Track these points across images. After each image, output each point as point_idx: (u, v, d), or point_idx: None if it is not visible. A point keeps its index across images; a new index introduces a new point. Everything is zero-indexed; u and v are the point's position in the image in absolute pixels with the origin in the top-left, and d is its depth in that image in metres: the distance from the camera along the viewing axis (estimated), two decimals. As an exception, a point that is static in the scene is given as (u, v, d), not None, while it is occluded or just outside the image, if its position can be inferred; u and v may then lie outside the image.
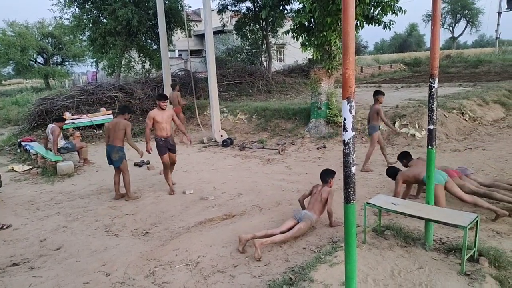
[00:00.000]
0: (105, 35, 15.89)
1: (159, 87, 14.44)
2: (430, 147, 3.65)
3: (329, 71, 9.54)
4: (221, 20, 19.79)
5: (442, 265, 3.31)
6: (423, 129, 8.56)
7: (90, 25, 16.59)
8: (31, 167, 8.36)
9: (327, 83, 9.78)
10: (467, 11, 50.80)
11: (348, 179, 2.39)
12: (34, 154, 8.67)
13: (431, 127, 3.59)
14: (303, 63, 23.21)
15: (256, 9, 18.09)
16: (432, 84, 3.51)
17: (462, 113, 9.77)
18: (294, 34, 9.66)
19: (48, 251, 4.45)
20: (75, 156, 8.97)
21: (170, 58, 19.43)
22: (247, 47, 23.01)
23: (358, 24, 8.96)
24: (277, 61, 28.00)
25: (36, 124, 11.91)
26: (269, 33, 20.45)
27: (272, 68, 21.28)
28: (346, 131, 2.33)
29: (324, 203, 4.56)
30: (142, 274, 3.78)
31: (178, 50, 28.54)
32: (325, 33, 8.80)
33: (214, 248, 4.21)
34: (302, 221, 4.33)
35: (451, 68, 25.97)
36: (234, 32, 21.20)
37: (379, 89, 7.45)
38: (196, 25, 22.18)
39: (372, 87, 18.97)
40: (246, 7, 19.08)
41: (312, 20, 9.25)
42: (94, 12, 16.38)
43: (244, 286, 3.44)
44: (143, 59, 17.92)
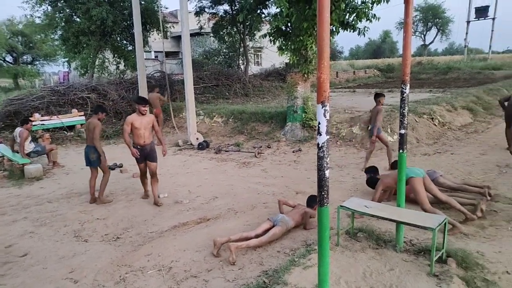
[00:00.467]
0: (78, 35, 15.49)
1: (134, 89, 14.20)
2: (401, 151, 3.73)
3: (305, 75, 9.65)
4: (198, 22, 19.71)
5: (412, 267, 3.39)
6: (395, 133, 8.77)
7: (63, 24, 16.15)
8: (-3, 170, 8.02)
9: (303, 87, 9.88)
10: (438, 20, 52.66)
11: (322, 183, 2.41)
12: (0, 157, 8.31)
13: (402, 132, 3.68)
14: (280, 67, 23.41)
15: (234, 12, 18.12)
16: (404, 90, 3.60)
17: (432, 118, 10.08)
18: (271, 38, 9.73)
19: (14, 258, 4.26)
20: (44, 159, 8.66)
21: (146, 60, 19.12)
22: (225, 50, 23.00)
23: (334, 30, 9.11)
24: (255, 65, 28.10)
25: (4, 125, 11.45)
26: (247, 37, 20.51)
27: (249, 72, 21.33)
28: (321, 135, 2.35)
29: (303, 219, 4.62)
30: (112, 281, 3.68)
31: (154, 52, 28.19)
32: (302, 38, 8.90)
33: (188, 253, 4.15)
34: (278, 226, 4.33)
35: (422, 75, 26.82)
36: (212, 35, 21.16)
37: (380, 91, 7.60)
38: (173, 27, 21.95)
39: (347, 92, 19.34)
40: (224, 10, 19.09)
41: (289, 25, 9.34)
42: (67, 11, 15.95)
43: (218, 291, 3.40)
44: (118, 60, 17.58)
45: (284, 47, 9.45)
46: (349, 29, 9.21)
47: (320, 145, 2.35)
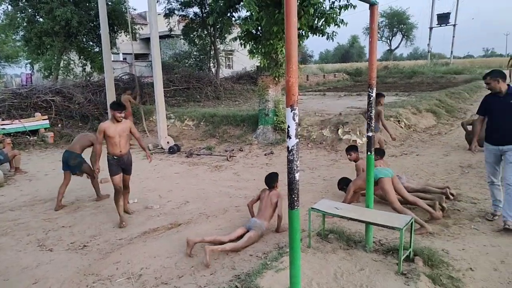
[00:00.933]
0: (41, 35, 14.91)
1: (101, 91, 13.81)
2: (369, 153, 3.82)
3: (276, 79, 9.72)
4: (168, 24, 19.45)
5: (381, 266, 3.47)
6: (364, 136, 8.99)
7: (25, 24, 15.49)
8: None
9: (274, 91, 9.96)
10: (403, 26, 54.61)
11: (292, 185, 2.42)
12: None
13: (370, 134, 3.77)
14: (252, 70, 23.49)
15: (204, 15, 18.03)
16: (371, 94, 3.69)
17: (399, 121, 10.42)
18: (242, 42, 9.74)
19: (-30, 271, 4.02)
20: (6, 165, 8.24)
21: (114, 62, 18.66)
22: (195, 53, 22.82)
23: (303, 34, 9.23)
24: (226, 68, 28.06)
25: (-40, 130, 10.83)
26: (217, 39, 20.45)
27: (221, 75, 21.28)
28: (290, 138, 2.36)
29: (275, 208, 4.59)
30: (79, 291, 3.54)
31: (123, 54, 27.54)
32: (272, 42, 8.97)
33: (158, 259, 4.06)
34: (252, 230, 4.31)
35: (389, 79, 27.68)
36: (182, 37, 20.93)
37: (381, 92, 7.69)
38: (142, 28, 21.53)
39: (318, 95, 19.66)
40: (194, 13, 18.95)
41: (259, 28, 9.39)
42: (29, 11, 15.32)
43: (190, 297, 3.35)
44: (84, 62, 17.07)
45: (255, 51, 9.48)
46: (318, 34, 9.37)
47: (290, 148, 2.36)
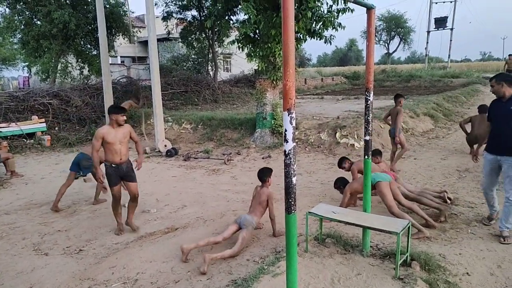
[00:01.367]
0: (39, 38, 14.89)
1: (99, 95, 13.78)
2: (367, 157, 3.81)
3: (274, 82, 9.73)
4: (166, 27, 19.47)
5: (378, 271, 3.46)
6: (362, 139, 8.99)
7: (22, 27, 15.46)
8: None
9: (272, 94, 9.96)
10: (400, 29, 54.86)
11: (289, 190, 2.41)
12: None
13: (367, 138, 3.76)
14: (249, 74, 23.50)
15: (202, 18, 18.04)
16: (368, 97, 3.69)
17: (396, 124, 10.41)
18: (240, 45, 9.74)
19: (-36, 275, 3.98)
20: (2, 168, 8.20)
21: (112, 65, 18.69)
22: (193, 56, 22.82)
23: (301, 38, 9.25)
24: (224, 71, 28.08)
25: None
26: (215, 43, 20.46)
27: (219, 78, 21.27)
28: (287, 142, 2.35)
29: (265, 206, 4.56)
30: (74, 296, 3.51)
31: (121, 57, 27.56)
32: (270, 45, 8.98)
33: (155, 264, 4.03)
34: (244, 229, 4.25)
35: (387, 82, 27.72)
36: (180, 40, 20.95)
37: (400, 93, 7.81)
38: (140, 31, 21.58)
39: (316, 99, 19.68)
40: (192, 16, 18.96)
41: (257, 32, 9.40)
42: (27, 13, 15.29)
43: (186, 303, 3.32)
44: (82, 65, 17.03)
45: (253, 54, 9.49)
46: (316, 37, 9.39)
47: (287, 152, 2.35)
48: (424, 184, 6.23)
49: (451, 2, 33.65)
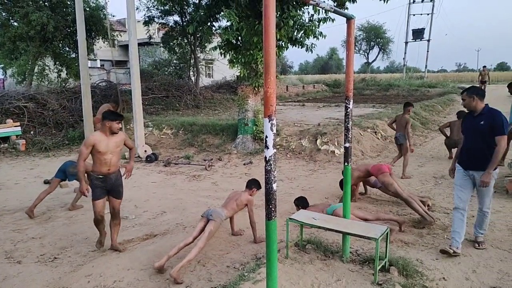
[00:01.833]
0: (15, 40, 14.51)
1: (77, 98, 13.49)
2: (347, 164, 3.86)
3: (256, 89, 9.77)
4: (148, 32, 19.31)
5: (358, 276, 3.49)
6: (342, 146, 9.10)
7: (-2, 28, 15.06)
8: None
9: (254, 100, 9.99)
10: (380, 40, 56.04)
11: (270, 196, 2.42)
12: None
13: (347, 145, 3.81)
14: (231, 80, 23.53)
15: (184, 23, 17.97)
16: (348, 105, 3.74)
17: (375, 132, 10.62)
18: (222, 51, 9.75)
19: None
20: (-28, 173, 7.91)
21: (91, 68, 18.35)
22: (175, 61, 22.68)
23: (283, 45, 9.35)
24: (206, 77, 28.02)
25: None
26: (198, 48, 20.42)
27: (201, 83, 21.20)
28: (268, 148, 2.36)
29: (239, 206, 4.51)
30: (48, 306, 3.39)
31: (100, 60, 27.10)
32: (252, 52, 9.02)
33: (132, 272, 3.94)
34: (211, 222, 4.09)
35: (366, 91, 28.27)
36: (161, 45, 20.78)
37: (409, 101, 7.99)
38: (120, 35, 21.28)
39: (297, 106, 19.85)
40: (174, 21, 18.87)
41: (240, 38, 9.43)
42: (3, 14, 14.92)
43: (164, 311, 3.26)
44: (60, 68, 16.67)
45: (235, 60, 9.51)
46: (298, 45, 9.50)
47: (268, 158, 2.36)
48: (409, 190, 6.32)
49: (428, 15, 34.77)
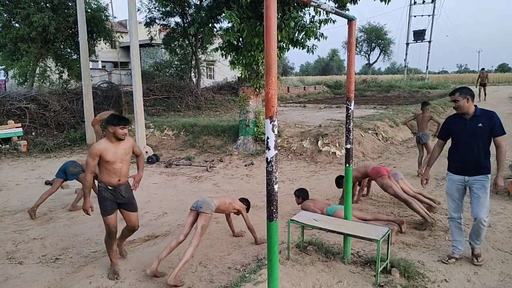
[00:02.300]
0: (17, 41, 14.56)
1: (78, 99, 13.53)
2: (348, 165, 3.86)
3: (257, 90, 9.78)
4: (149, 33, 19.34)
5: (359, 278, 3.48)
6: (343, 148, 9.11)
7: (-1, 29, 15.11)
8: None
9: (255, 101, 10.00)
10: (381, 41, 56.05)
11: (271, 197, 2.41)
12: None
13: (348, 146, 3.81)
14: (233, 81, 23.54)
15: (185, 25, 18.01)
16: (349, 106, 3.74)
17: (376, 133, 10.62)
18: (223, 52, 9.76)
19: None
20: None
21: (92, 69, 18.39)
22: (176, 62, 22.72)
23: (284, 47, 9.35)
24: (207, 78, 28.03)
25: None
26: (199, 49, 20.44)
27: (202, 85, 21.22)
28: (269, 150, 2.36)
29: (232, 207, 4.53)
30: (49, 306, 3.40)
31: (102, 61, 27.17)
32: (253, 53, 9.03)
33: (134, 273, 3.95)
34: (201, 215, 3.98)
35: (367, 92, 28.27)
36: (163, 46, 20.84)
37: (426, 100, 8.21)
38: (122, 37, 21.36)
39: (298, 107, 19.86)
40: (175, 22, 18.93)
41: (241, 40, 9.45)
42: (5, 16, 14.98)
43: (165, 312, 3.26)
44: (61, 69, 16.71)
45: (236, 62, 9.52)
46: (299, 47, 9.51)
47: (269, 160, 2.36)
48: (418, 190, 6.26)
49: (429, 16, 34.75)
